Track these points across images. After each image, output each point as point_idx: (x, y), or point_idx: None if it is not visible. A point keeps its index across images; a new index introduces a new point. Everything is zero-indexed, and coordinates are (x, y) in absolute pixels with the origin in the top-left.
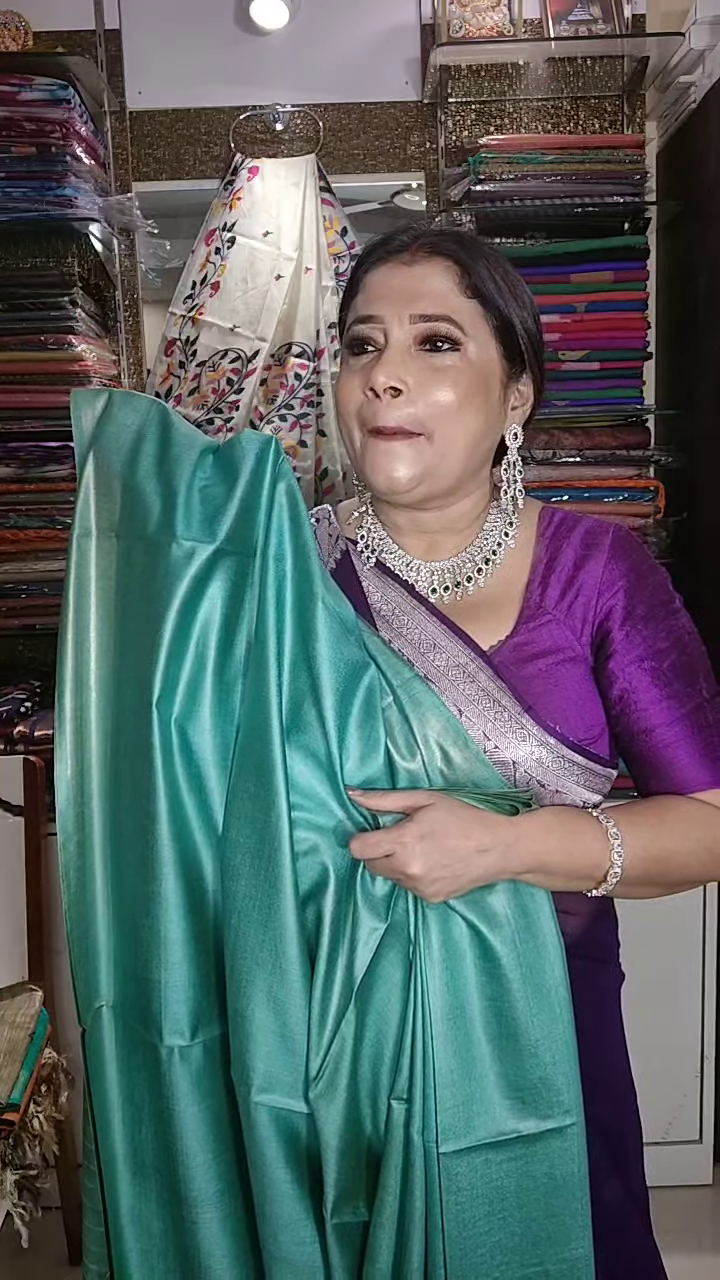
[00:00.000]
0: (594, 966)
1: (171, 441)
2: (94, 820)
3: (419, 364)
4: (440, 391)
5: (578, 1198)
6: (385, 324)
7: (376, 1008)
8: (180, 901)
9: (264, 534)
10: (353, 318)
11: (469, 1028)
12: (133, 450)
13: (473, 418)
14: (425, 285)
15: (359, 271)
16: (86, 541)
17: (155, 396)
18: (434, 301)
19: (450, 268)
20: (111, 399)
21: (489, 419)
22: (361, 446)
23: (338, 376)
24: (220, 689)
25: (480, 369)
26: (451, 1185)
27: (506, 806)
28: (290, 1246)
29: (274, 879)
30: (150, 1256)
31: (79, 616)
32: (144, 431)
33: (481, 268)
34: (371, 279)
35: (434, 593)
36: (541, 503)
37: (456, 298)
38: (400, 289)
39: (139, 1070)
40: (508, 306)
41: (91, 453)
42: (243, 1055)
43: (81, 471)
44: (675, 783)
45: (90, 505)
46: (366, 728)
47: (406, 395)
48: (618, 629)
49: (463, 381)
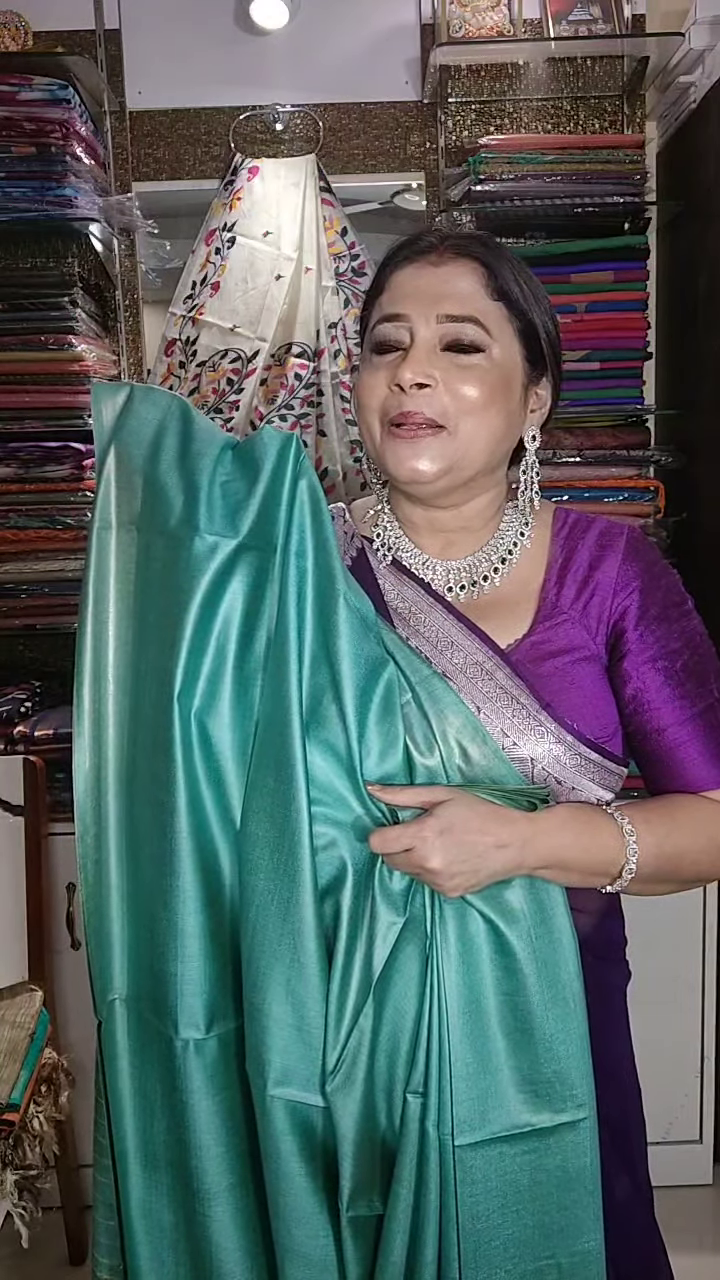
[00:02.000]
0: (603, 964)
1: (193, 436)
2: (110, 812)
3: (444, 362)
4: (465, 387)
5: (589, 1190)
6: (411, 323)
7: (393, 1002)
8: (197, 894)
9: (285, 530)
10: (377, 316)
11: (485, 1022)
12: (154, 444)
13: (495, 416)
14: (451, 286)
15: (384, 271)
16: (107, 534)
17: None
18: (460, 302)
19: (476, 269)
20: (133, 393)
21: (510, 419)
22: (383, 440)
23: (358, 373)
24: (240, 683)
25: (504, 370)
26: (466, 1178)
27: (524, 802)
28: (303, 1240)
29: (293, 873)
30: (161, 1250)
31: (98, 609)
32: (165, 426)
33: (506, 270)
34: (397, 278)
35: (450, 591)
36: (555, 504)
37: (483, 299)
38: (427, 289)
39: (152, 1063)
40: (531, 310)
41: (113, 446)
42: (259, 1048)
43: (102, 465)
44: (686, 781)
45: (111, 499)
46: (386, 724)
47: (434, 389)
48: (632, 629)
49: (488, 380)
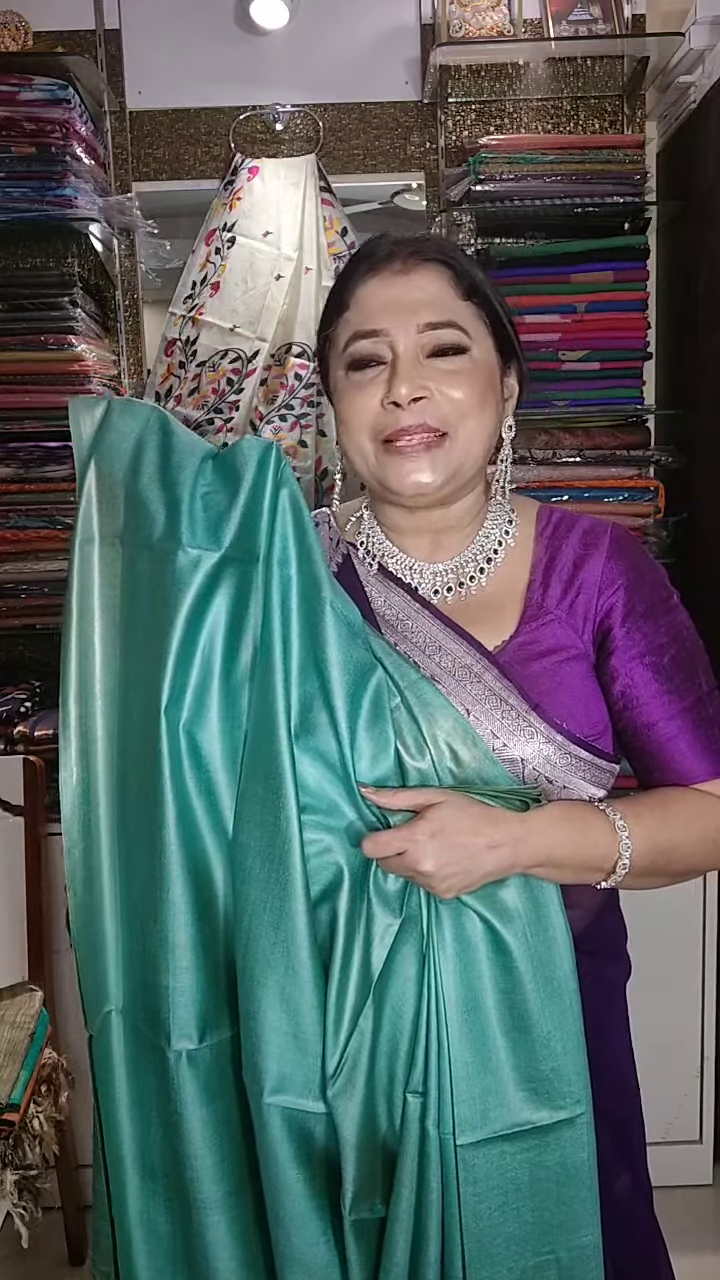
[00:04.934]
0: (601, 959)
1: (173, 449)
2: (100, 826)
3: (431, 370)
4: (457, 391)
5: (587, 1185)
6: (391, 336)
7: (392, 1003)
8: (188, 906)
9: (267, 540)
10: (348, 334)
11: (483, 1020)
12: (134, 458)
13: (489, 414)
14: (424, 293)
15: (345, 286)
16: (89, 548)
17: (156, 396)
18: (437, 308)
19: (443, 272)
20: (110, 407)
21: (496, 414)
22: (378, 458)
23: (337, 393)
24: (228, 694)
25: (486, 367)
26: (468, 1177)
27: (515, 802)
28: (303, 1247)
29: (285, 881)
30: (158, 1259)
31: (83, 623)
32: (144, 439)
33: (468, 267)
34: (364, 292)
35: (436, 594)
36: (538, 502)
37: (455, 301)
38: (399, 299)
39: (147, 1074)
40: (495, 301)
41: (93, 461)
42: (254, 1057)
43: (82, 479)
44: (677, 775)
45: (93, 513)
46: (376, 729)
47: (429, 399)
48: (619, 626)
49: (477, 380)
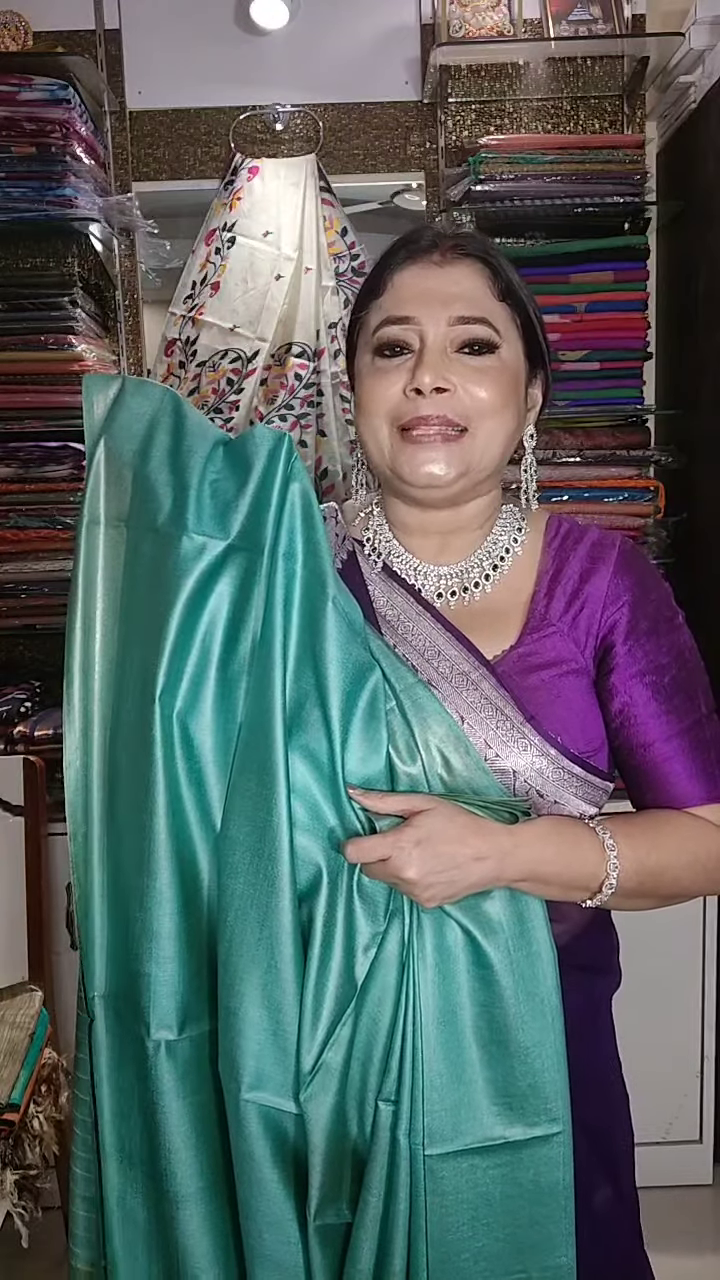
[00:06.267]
0: (588, 973)
1: (185, 432)
2: (95, 811)
3: (458, 364)
4: (481, 389)
5: (562, 1206)
6: (421, 325)
7: (368, 1009)
8: (174, 896)
9: (274, 532)
10: (380, 318)
11: (459, 1032)
12: (145, 439)
13: (510, 417)
14: (460, 287)
15: (383, 271)
16: (95, 529)
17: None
18: (471, 304)
19: (481, 270)
20: (125, 385)
21: (519, 418)
22: (394, 445)
23: (360, 376)
24: (224, 685)
25: (513, 370)
26: (436, 1188)
27: (504, 814)
28: (274, 1245)
29: (272, 878)
30: (134, 1246)
31: (87, 605)
32: (157, 420)
33: (506, 269)
34: (401, 279)
35: (440, 597)
36: (549, 511)
37: (490, 300)
38: (435, 290)
39: (129, 1062)
40: (529, 306)
41: (103, 439)
42: (233, 1052)
43: (91, 458)
44: (671, 797)
45: (100, 494)
46: (370, 729)
47: (452, 393)
48: (621, 643)
49: (502, 381)
